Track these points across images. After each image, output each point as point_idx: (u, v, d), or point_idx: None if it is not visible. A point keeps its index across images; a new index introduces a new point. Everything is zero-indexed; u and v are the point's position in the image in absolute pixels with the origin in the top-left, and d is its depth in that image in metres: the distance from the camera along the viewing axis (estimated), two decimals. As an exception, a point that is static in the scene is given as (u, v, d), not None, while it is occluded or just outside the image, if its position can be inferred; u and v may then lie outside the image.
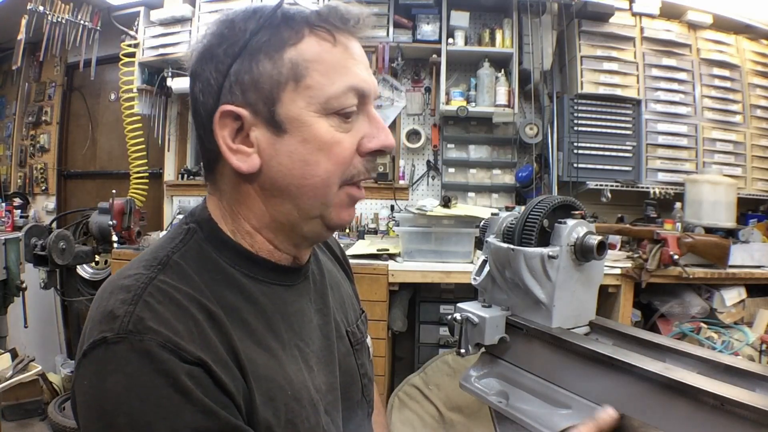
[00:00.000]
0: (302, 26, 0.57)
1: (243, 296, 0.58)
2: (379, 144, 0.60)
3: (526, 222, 0.75)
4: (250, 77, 0.56)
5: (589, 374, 0.67)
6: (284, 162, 0.57)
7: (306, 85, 0.56)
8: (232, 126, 0.57)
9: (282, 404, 0.55)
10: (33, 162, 3.56)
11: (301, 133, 0.57)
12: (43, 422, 2.49)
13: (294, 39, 0.56)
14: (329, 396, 0.64)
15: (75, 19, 2.89)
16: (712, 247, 2.09)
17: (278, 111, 0.56)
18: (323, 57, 0.57)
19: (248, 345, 0.54)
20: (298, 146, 0.57)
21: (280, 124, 0.56)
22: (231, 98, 0.56)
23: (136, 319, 0.48)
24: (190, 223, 0.62)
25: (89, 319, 0.52)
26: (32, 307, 2.31)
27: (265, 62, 0.56)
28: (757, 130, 2.79)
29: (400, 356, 2.69)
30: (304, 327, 0.64)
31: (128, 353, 0.46)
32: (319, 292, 0.70)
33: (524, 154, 2.88)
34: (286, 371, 0.57)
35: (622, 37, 2.69)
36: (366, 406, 0.76)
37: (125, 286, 0.52)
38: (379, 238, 2.72)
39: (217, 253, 0.59)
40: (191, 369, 0.47)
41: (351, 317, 0.78)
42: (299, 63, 0.56)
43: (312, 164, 0.57)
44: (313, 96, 0.56)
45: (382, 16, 2.74)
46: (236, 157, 0.57)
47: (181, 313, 0.50)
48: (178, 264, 0.55)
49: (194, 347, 0.48)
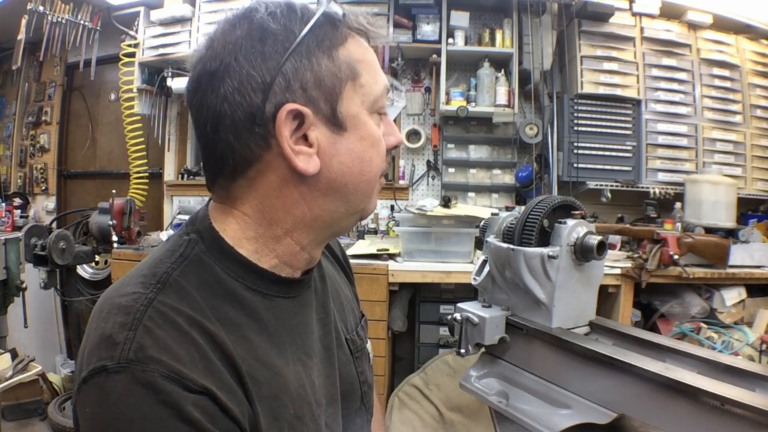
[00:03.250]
0: (343, 27, 0.58)
1: (245, 312, 0.56)
2: (396, 140, 0.65)
3: (526, 222, 0.75)
4: (313, 75, 0.55)
5: (589, 374, 0.67)
6: (345, 160, 0.58)
7: (360, 84, 0.58)
8: (291, 126, 0.55)
9: (286, 423, 0.54)
10: (33, 162, 3.56)
11: (358, 130, 0.58)
12: (43, 422, 2.49)
13: (341, 39, 0.57)
14: (330, 409, 0.64)
15: (75, 19, 2.89)
16: (712, 247, 2.09)
17: (340, 109, 0.56)
18: (367, 58, 0.59)
19: (251, 364, 0.53)
20: (356, 144, 0.58)
21: (342, 122, 0.57)
22: (290, 97, 0.54)
23: (137, 347, 0.46)
24: (190, 234, 0.59)
25: (87, 339, 0.50)
26: (32, 307, 2.31)
27: (325, 60, 0.55)
28: (757, 130, 2.79)
29: (400, 356, 2.69)
30: (307, 339, 0.63)
31: (130, 384, 0.45)
32: (320, 300, 0.69)
33: (524, 154, 2.88)
34: (289, 389, 0.56)
35: (622, 37, 2.69)
36: (365, 413, 0.75)
37: (123, 306, 0.50)
38: (379, 238, 2.72)
39: (219, 264, 0.57)
40: (197, 398, 0.46)
41: (351, 323, 0.77)
42: (352, 62, 0.57)
43: (367, 161, 0.60)
44: (366, 95, 0.58)
45: (382, 16, 2.74)
46: (300, 159, 0.55)
47: (183, 338, 0.49)
48: (178, 282, 0.53)
49: (198, 375, 0.47)
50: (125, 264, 2.30)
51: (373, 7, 2.74)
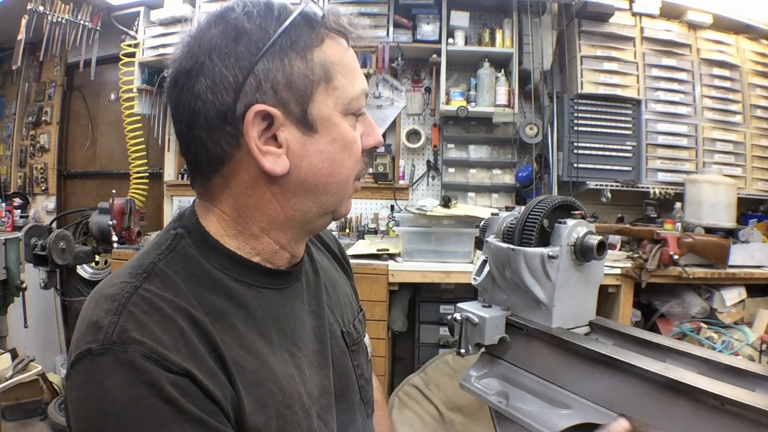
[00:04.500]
0: (321, 28, 0.58)
1: (231, 301, 0.57)
2: (375, 141, 0.64)
3: (526, 222, 0.75)
4: (284, 76, 0.55)
5: (589, 374, 0.67)
6: (314, 162, 0.58)
7: (334, 86, 0.58)
8: (260, 126, 0.55)
9: (273, 411, 0.54)
10: (33, 162, 3.56)
11: (330, 132, 0.58)
12: (43, 422, 2.49)
13: (317, 41, 0.57)
14: (322, 400, 0.64)
15: (75, 19, 2.89)
16: (712, 247, 2.09)
17: (311, 111, 0.57)
18: (343, 59, 0.59)
19: (236, 351, 0.54)
20: (327, 146, 0.58)
21: (312, 124, 0.57)
22: (260, 97, 0.54)
23: (120, 330, 0.48)
24: (177, 228, 0.60)
25: (76, 329, 0.52)
26: (32, 307, 2.31)
27: (298, 61, 0.55)
28: (757, 130, 2.79)
29: (400, 356, 2.69)
30: (297, 330, 0.64)
31: (112, 365, 0.46)
32: (312, 293, 0.70)
33: (524, 154, 2.88)
34: (277, 377, 0.57)
35: (622, 37, 2.69)
36: (365, 407, 0.75)
37: (110, 295, 0.51)
38: (379, 238, 2.72)
39: (205, 257, 0.58)
40: (176, 379, 0.47)
41: (348, 316, 0.77)
42: (326, 64, 0.57)
43: (338, 163, 0.59)
44: (339, 97, 0.58)
45: (382, 16, 2.74)
46: (267, 159, 0.56)
47: (166, 322, 0.50)
48: (164, 272, 0.54)
49: (179, 357, 0.48)
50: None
51: (373, 8, 2.74)
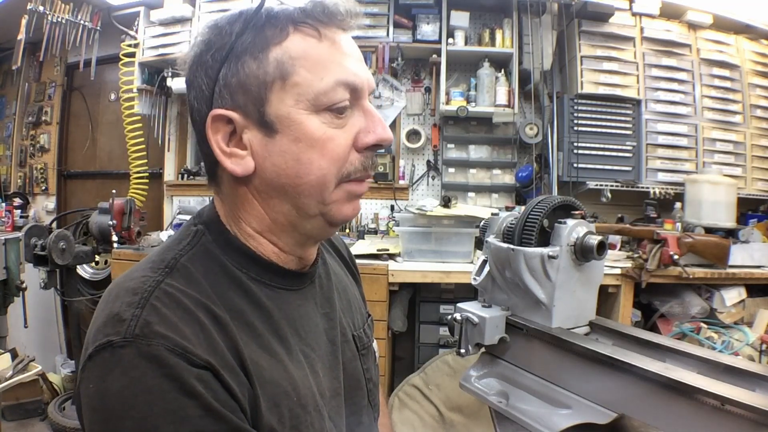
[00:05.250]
0: (286, 24, 0.56)
1: (249, 300, 0.58)
2: (375, 138, 0.59)
3: (526, 222, 0.75)
4: (237, 80, 0.56)
5: (589, 374, 0.67)
6: (278, 162, 0.57)
7: (293, 82, 0.55)
8: (225, 130, 0.57)
9: (287, 410, 0.55)
10: (33, 162, 3.56)
11: (292, 131, 0.56)
12: (43, 422, 2.49)
13: (278, 37, 0.56)
14: (333, 402, 0.64)
15: (75, 19, 2.88)
16: (712, 247, 2.09)
17: (267, 111, 0.56)
18: (309, 53, 0.56)
19: (254, 349, 0.54)
20: (290, 145, 0.56)
21: (271, 124, 0.56)
22: (221, 102, 0.56)
23: (143, 323, 0.47)
24: (198, 225, 0.62)
25: (94, 322, 0.51)
26: (32, 307, 2.31)
27: (251, 63, 0.55)
28: (757, 130, 2.79)
29: (400, 356, 2.69)
30: (310, 332, 0.64)
31: (135, 357, 0.46)
32: (325, 295, 0.70)
33: (524, 154, 2.88)
34: (292, 376, 0.57)
35: (622, 37, 2.69)
36: (372, 411, 0.75)
37: (131, 288, 0.51)
38: (379, 238, 2.72)
39: (224, 255, 0.59)
40: (200, 372, 0.47)
41: (358, 321, 0.77)
42: (285, 61, 0.55)
43: (305, 162, 0.57)
44: (301, 93, 0.56)
45: (382, 16, 2.75)
46: (231, 161, 0.57)
47: (188, 317, 0.50)
48: (186, 267, 0.55)
49: (202, 351, 0.48)
50: (125, 264, 2.30)
51: (373, 7, 2.74)
